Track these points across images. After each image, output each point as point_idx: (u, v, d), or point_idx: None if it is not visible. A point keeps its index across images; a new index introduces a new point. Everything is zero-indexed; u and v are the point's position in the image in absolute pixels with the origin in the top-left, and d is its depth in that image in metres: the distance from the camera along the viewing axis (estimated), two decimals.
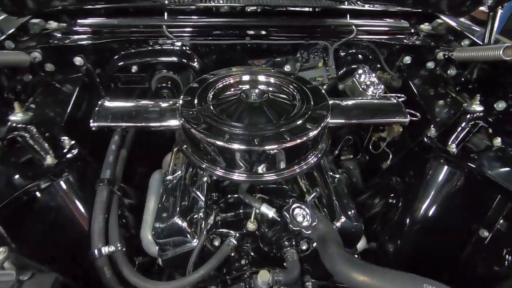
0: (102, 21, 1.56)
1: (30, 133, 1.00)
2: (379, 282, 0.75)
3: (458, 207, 1.17)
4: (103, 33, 1.54)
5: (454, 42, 1.56)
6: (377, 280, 0.76)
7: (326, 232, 0.92)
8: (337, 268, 0.81)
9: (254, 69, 1.31)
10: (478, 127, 1.14)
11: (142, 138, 1.51)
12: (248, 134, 0.97)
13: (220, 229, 1.11)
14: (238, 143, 0.95)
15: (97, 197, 1.10)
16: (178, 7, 1.52)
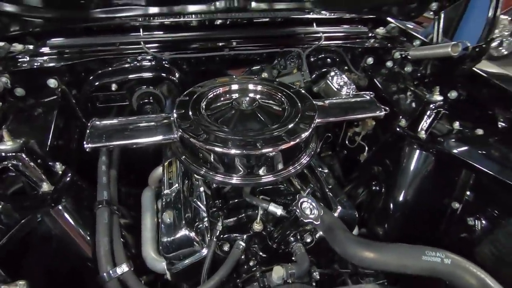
0: (72, 41, 1.51)
1: (21, 161, 0.95)
2: (387, 256, 0.85)
3: (432, 185, 1.33)
4: (75, 53, 1.49)
5: (406, 43, 1.77)
6: (385, 255, 0.86)
7: (331, 221, 1.00)
8: (349, 251, 0.90)
9: (239, 79, 1.38)
10: (440, 114, 1.32)
11: (124, 157, 1.48)
12: (249, 139, 1.03)
13: (227, 234, 1.14)
14: (240, 148, 1.00)
15: (98, 219, 1.07)
16: (152, 23, 1.53)
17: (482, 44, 1.28)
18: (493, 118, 1.28)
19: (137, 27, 1.51)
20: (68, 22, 1.39)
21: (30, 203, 0.94)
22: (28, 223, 0.91)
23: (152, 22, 1.52)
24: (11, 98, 1.36)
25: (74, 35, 1.52)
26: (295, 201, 0.99)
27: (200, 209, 1.20)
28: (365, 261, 0.87)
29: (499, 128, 1.26)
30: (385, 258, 0.85)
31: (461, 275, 0.78)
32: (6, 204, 0.93)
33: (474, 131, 1.30)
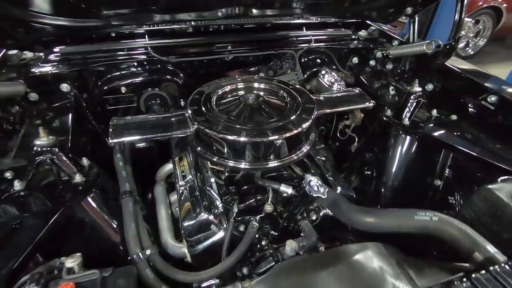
0: (81, 48, 1.60)
1: (56, 155, 1.04)
2: (386, 219, 1.01)
3: (416, 166, 1.51)
4: (84, 59, 1.58)
5: (386, 43, 1.98)
6: (384, 218, 1.01)
7: (335, 196, 1.15)
8: (353, 218, 1.05)
9: (242, 78, 1.52)
10: (420, 103, 1.51)
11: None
12: (259, 129, 1.17)
13: (241, 217, 1.26)
14: (252, 136, 1.14)
15: (124, 208, 1.17)
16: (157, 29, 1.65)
17: (452, 42, 1.49)
18: (464, 105, 1.49)
19: (143, 34, 1.62)
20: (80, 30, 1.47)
21: (66, 193, 1.02)
22: (65, 211, 1.00)
23: (156, 28, 1.64)
24: (25, 103, 1.43)
25: (82, 43, 1.61)
26: (303, 180, 1.13)
27: (214, 197, 1.32)
28: (368, 225, 1.02)
29: (470, 113, 1.47)
30: (384, 221, 1.00)
31: (446, 229, 0.94)
32: (44, 195, 1.01)
33: (449, 117, 1.50)
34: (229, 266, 1.13)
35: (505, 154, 1.26)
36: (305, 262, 0.91)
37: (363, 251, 0.90)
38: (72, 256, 0.79)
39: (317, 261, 0.89)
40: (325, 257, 0.89)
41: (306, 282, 0.84)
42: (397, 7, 1.75)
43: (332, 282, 0.83)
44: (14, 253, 0.86)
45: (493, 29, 6.10)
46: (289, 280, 0.86)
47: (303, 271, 0.87)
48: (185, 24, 1.60)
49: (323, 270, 0.85)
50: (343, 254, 0.88)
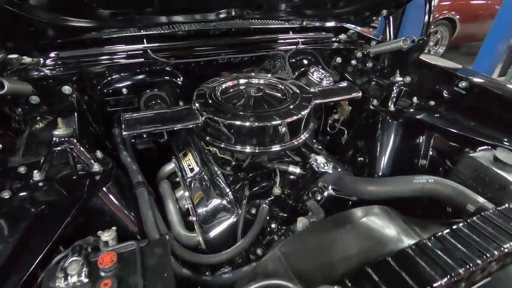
0: (80, 52, 1.63)
1: (74, 145, 1.06)
2: (388, 186, 1.12)
3: (403, 149, 1.66)
4: (83, 63, 1.61)
5: (365, 44, 2.17)
6: (387, 185, 1.12)
7: (339, 172, 1.25)
8: (359, 188, 1.15)
9: (241, 75, 1.62)
10: (403, 91, 1.68)
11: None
12: (266, 114, 1.26)
13: (252, 201, 1.33)
14: (261, 121, 1.23)
15: (140, 197, 1.20)
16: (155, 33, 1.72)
17: (424, 37, 1.69)
18: (439, 92, 1.67)
19: (141, 37, 1.69)
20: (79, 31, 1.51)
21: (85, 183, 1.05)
22: (86, 200, 1.02)
23: (155, 33, 1.71)
24: (26, 106, 1.43)
25: (80, 47, 1.65)
26: (310, 159, 1.22)
27: (223, 185, 1.38)
28: (373, 193, 1.13)
29: (445, 99, 1.65)
30: (388, 188, 1.12)
31: (441, 188, 1.06)
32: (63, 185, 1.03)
33: (428, 103, 1.68)
34: (246, 245, 1.18)
35: (479, 130, 1.43)
36: (325, 224, 0.99)
37: (373, 211, 0.99)
38: (108, 230, 0.82)
39: (336, 222, 0.97)
40: (341, 218, 0.98)
41: (329, 239, 0.91)
42: (373, 10, 1.96)
43: (352, 237, 0.92)
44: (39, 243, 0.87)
45: (449, 38, 6.74)
46: (312, 239, 0.93)
47: (324, 231, 0.95)
48: (182, 26, 1.69)
49: (342, 229, 0.94)
50: (356, 215, 0.97)
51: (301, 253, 0.89)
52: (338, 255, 0.88)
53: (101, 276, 0.73)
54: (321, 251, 0.89)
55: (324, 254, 0.88)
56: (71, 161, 1.06)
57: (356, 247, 0.89)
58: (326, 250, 0.89)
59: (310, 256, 0.88)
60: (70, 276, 0.70)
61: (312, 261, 0.86)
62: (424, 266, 0.74)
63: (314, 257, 0.87)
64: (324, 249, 0.90)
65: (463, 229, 0.84)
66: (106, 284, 0.69)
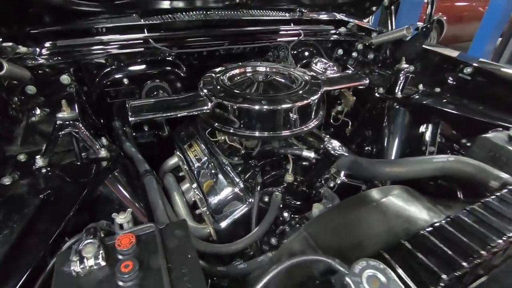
0: (78, 41, 1.56)
1: (79, 129, 1.00)
2: (408, 166, 1.09)
3: (411, 136, 1.64)
4: (84, 52, 1.55)
5: (365, 36, 2.18)
6: (406, 166, 1.09)
7: (353, 156, 1.22)
8: (378, 171, 1.12)
9: (246, 63, 1.58)
10: (409, 78, 1.67)
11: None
12: (278, 99, 1.22)
13: (264, 189, 1.28)
14: (273, 104, 1.19)
15: (149, 185, 1.13)
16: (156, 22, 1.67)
17: (427, 25, 1.70)
18: (444, 79, 1.67)
19: (142, 26, 1.63)
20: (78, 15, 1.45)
21: (91, 168, 0.98)
22: (93, 186, 0.95)
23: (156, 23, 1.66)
24: (22, 96, 1.35)
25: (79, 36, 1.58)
26: (325, 143, 1.18)
27: (232, 175, 1.33)
28: (391, 174, 1.10)
29: (450, 85, 1.65)
30: (407, 168, 1.09)
31: (462, 167, 1.04)
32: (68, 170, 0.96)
33: (433, 89, 1.67)
34: (262, 233, 1.13)
35: (488, 113, 1.43)
36: (347, 204, 0.95)
37: (395, 191, 0.96)
38: (123, 212, 0.76)
39: (359, 201, 0.93)
40: (364, 197, 0.94)
41: (354, 218, 0.87)
42: (374, 1, 1.96)
43: (378, 215, 0.88)
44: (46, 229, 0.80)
45: (437, 38, 6.90)
46: (337, 218, 0.89)
47: (348, 210, 0.91)
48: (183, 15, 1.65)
49: (366, 207, 0.90)
50: (379, 194, 0.94)
51: (328, 232, 0.85)
52: (365, 233, 0.84)
53: (119, 259, 0.66)
54: (348, 230, 0.85)
55: (351, 232, 0.84)
56: (75, 147, 1.00)
57: (384, 224, 0.86)
58: (352, 228, 0.85)
59: (337, 235, 0.84)
60: (86, 259, 0.64)
61: (340, 240, 0.82)
62: (461, 238, 0.71)
63: (342, 235, 0.83)
64: (351, 228, 0.85)
65: (493, 202, 0.82)
66: (127, 265, 0.63)
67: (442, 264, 0.65)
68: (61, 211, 0.82)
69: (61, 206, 0.84)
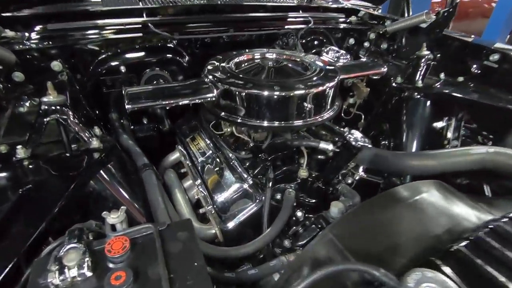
0: (72, 24, 1.43)
1: (67, 115, 0.87)
2: (441, 159, 0.96)
3: (433, 128, 1.51)
4: (77, 36, 1.42)
5: (378, 25, 2.05)
6: (439, 159, 0.97)
7: (374, 149, 1.09)
8: (404, 164, 0.99)
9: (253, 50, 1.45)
10: (430, 66, 1.54)
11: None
12: (291, 85, 1.09)
13: (276, 185, 1.15)
14: (286, 90, 1.06)
15: (148, 181, 1.01)
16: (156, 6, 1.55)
17: (449, 9, 1.57)
18: (468, 67, 1.55)
19: (140, 10, 1.51)
20: None
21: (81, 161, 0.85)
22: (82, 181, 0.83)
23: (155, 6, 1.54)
24: (7, 83, 1.23)
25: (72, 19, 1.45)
26: (345, 134, 1.06)
27: (240, 170, 1.20)
28: (421, 168, 0.97)
29: (474, 74, 1.52)
30: (439, 161, 0.96)
31: (504, 160, 0.91)
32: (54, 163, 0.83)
33: (456, 79, 1.54)
34: (276, 233, 1.01)
35: None
36: (378, 202, 0.82)
37: (430, 186, 0.83)
38: (115, 211, 0.63)
39: (390, 198, 0.81)
40: (396, 194, 0.81)
41: (387, 217, 0.75)
42: None
43: (415, 214, 0.75)
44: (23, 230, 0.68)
45: None
46: (367, 218, 0.76)
47: (380, 209, 0.78)
48: None
49: (400, 205, 0.78)
50: (413, 190, 0.81)
51: (357, 234, 0.72)
52: (401, 235, 0.72)
53: (109, 268, 0.54)
54: (380, 231, 0.72)
55: (385, 234, 0.71)
56: (63, 135, 0.87)
57: (422, 225, 0.73)
58: (385, 229, 0.73)
59: (368, 238, 0.71)
60: (68, 269, 0.51)
61: (371, 243, 0.69)
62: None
63: (373, 238, 0.71)
64: (383, 229, 0.73)
65: None
66: (118, 277, 0.50)
67: (509, 273, 0.53)
68: (42, 209, 0.69)
69: (43, 203, 0.71)
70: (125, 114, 1.52)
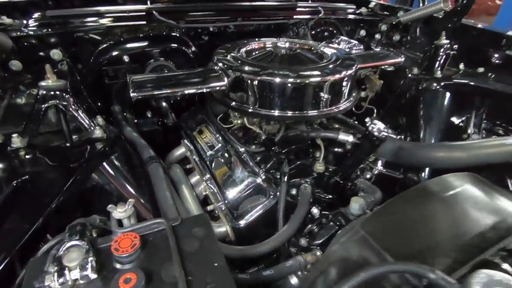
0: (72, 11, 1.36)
1: (68, 102, 0.79)
2: (474, 150, 0.89)
3: (453, 121, 1.44)
4: (78, 24, 1.34)
5: (390, 16, 1.97)
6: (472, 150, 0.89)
7: (398, 141, 1.02)
8: (429, 157, 0.92)
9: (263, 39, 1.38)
10: (450, 56, 1.46)
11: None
12: (308, 71, 1.02)
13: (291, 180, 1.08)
14: (303, 78, 0.99)
15: (154, 174, 0.93)
16: None
17: None
18: (487, 57, 1.47)
19: None
20: None
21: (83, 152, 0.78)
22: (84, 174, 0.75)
23: None
24: (4, 73, 1.15)
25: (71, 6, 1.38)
26: (367, 124, 0.98)
27: (251, 164, 1.13)
28: (450, 161, 0.89)
29: (495, 64, 1.45)
30: (470, 153, 0.88)
31: None
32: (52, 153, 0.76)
33: (476, 70, 1.47)
34: (293, 232, 0.93)
35: None
36: (412, 195, 0.74)
37: (465, 179, 0.76)
38: (122, 204, 0.56)
39: (424, 193, 0.73)
40: (429, 188, 0.74)
41: (423, 213, 0.67)
42: None
43: (452, 210, 0.68)
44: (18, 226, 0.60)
45: None
46: (403, 213, 0.69)
47: (416, 203, 0.71)
48: None
49: (435, 200, 0.70)
50: (450, 183, 0.74)
51: (393, 231, 0.65)
52: (442, 232, 0.64)
53: (117, 269, 0.46)
54: (418, 229, 0.65)
55: (423, 232, 0.64)
56: (63, 123, 0.79)
57: (463, 221, 0.66)
58: (424, 227, 0.65)
59: (405, 235, 0.63)
60: (68, 270, 0.44)
61: (410, 241, 0.62)
62: None
63: (411, 235, 0.63)
64: (421, 226, 0.65)
65: None
66: (128, 280, 0.43)
67: None
68: (39, 203, 0.62)
69: (40, 196, 0.64)
70: (129, 106, 1.45)
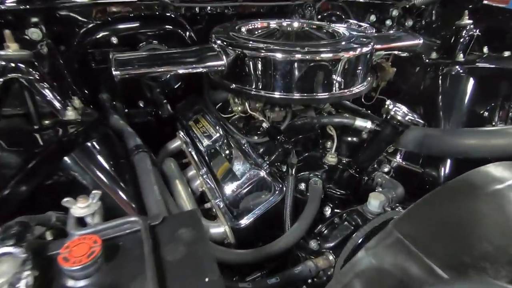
0: None
1: (32, 76, 0.66)
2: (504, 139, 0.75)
3: (476, 110, 1.30)
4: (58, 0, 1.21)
5: (401, 0, 1.83)
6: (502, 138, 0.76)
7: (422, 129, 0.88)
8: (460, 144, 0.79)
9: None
10: (474, 38, 1.32)
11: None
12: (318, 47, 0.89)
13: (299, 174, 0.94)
14: (313, 54, 0.85)
15: (140, 165, 0.80)
16: None
17: None
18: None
19: None
20: None
21: (51, 135, 0.64)
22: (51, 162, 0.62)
23: None
24: None
25: None
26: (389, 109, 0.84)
27: (254, 155, 0.99)
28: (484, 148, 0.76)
29: None
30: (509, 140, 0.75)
31: None
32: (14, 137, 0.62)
33: (501, 53, 1.33)
34: (304, 232, 0.80)
35: None
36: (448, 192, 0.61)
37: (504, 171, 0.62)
38: (83, 197, 0.42)
39: (464, 188, 0.60)
40: (469, 182, 0.60)
41: (466, 212, 0.54)
42: None
43: (501, 208, 0.54)
44: None
45: None
46: (441, 213, 0.55)
47: (453, 202, 0.57)
48: None
49: (479, 196, 0.57)
50: (489, 177, 0.60)
51: (434, 234, 0.51)
52: (495, 235, 0.51)
53: (68, 287, 0.33)
54: (465, 230, 0.51)
55: (470, 232, 0.50)
56: (28, 102, 0.66)
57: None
58: (471, 228, 0.52)
59: (450, 238, 0.50)
60: None
61: (455, 245, 0.48)
62: None
63: (459, 239, 0.50)
64: (468, 227, 0.52)
65: None
66: None
67: None
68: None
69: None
70: (119, 95, 1.31)
